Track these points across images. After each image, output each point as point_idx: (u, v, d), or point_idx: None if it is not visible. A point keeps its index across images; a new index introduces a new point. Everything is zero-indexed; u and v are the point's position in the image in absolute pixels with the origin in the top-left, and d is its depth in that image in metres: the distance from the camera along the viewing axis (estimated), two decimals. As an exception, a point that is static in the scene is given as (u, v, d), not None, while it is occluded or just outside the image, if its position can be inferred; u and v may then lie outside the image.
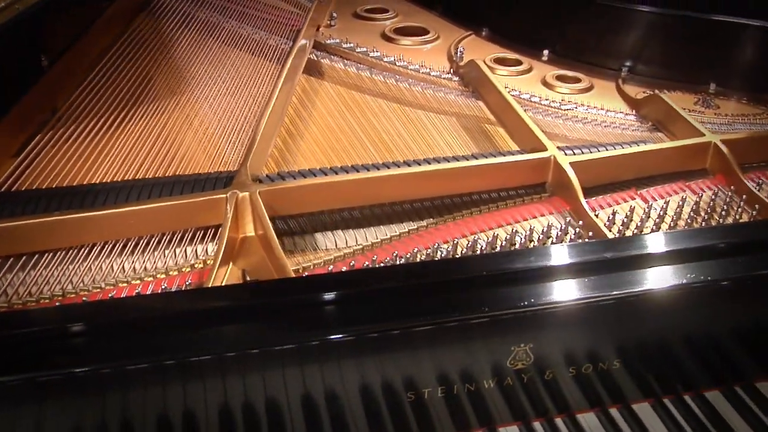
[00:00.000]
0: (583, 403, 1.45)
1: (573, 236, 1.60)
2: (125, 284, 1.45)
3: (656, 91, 2.16)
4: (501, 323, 1.31)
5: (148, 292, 1.42)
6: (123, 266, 1.49)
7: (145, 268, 1.49)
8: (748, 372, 1.49)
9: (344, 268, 1.50)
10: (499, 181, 1.74)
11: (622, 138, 1.98)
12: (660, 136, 1.99)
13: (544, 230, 1.60)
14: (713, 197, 1.74)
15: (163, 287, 1.43)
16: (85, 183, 1.66)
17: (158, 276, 1.47)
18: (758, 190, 1.75)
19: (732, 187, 1.77)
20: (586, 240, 1.58)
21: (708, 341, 1.43)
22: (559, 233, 1.60)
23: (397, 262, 1.51)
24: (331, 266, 1.51)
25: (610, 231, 1.62)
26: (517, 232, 1.60)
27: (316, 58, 2.24)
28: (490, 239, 1.57)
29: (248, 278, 1.48)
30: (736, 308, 1.42)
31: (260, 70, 2.18)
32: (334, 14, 2.50)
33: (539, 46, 2.37)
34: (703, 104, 2.13)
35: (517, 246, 1.57)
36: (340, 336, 1.24)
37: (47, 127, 1.83)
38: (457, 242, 1.56)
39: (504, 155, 1.80)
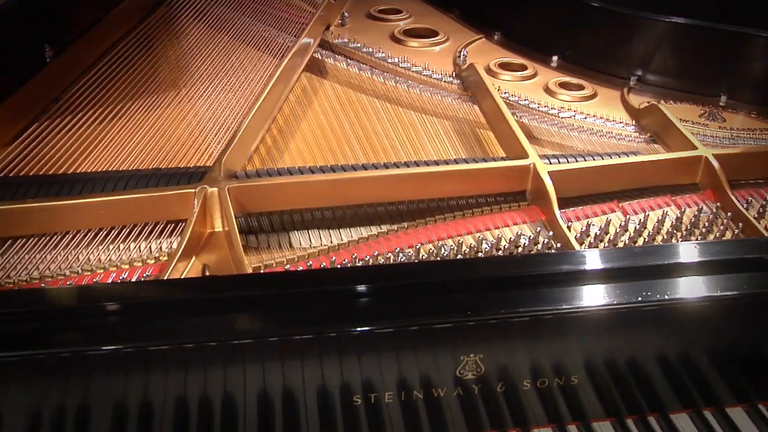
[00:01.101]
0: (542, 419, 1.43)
1: (541, 247, 1.57)
2: (89, 273, 1.48)
3: (662, 102, 2.11)
4: (445, 332, 1.30)
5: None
6: (89, 256, 1.52)
7: (110, 258, 1.52)
8: (699, 397, 1.45)
9: (300, 268, 1.50)
10: (478, 187, 1.72)
11: (616, 148, 1.94)
12: (657, 148, 1.94)
13: (512, 239, 1.57)
14: (697, 213, 1.68)
15: (122, 278, 1.45)
16: (67, 173, 1.69)
17: (122, 266, 1.50)
18: (746, 208, 1.69)
19: (719, 203, 1.71)
20: (548, 251, 1.55)
21: (667, 361, 1.40)
22: (527, 243, 1.58)
23: (356, 264, 1.50)
24: (287, 265, 1.51)
25: (582, 244, 1.59)
26: (484, 239, 1.58)
27: (320, 57, 2.25)
28: (455, 246, 1.55)
29: (207, 273, 1.50)
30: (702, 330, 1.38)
31: (264, 67, 2.20)
32: (346, 14, 2.50)
33: (549, 52, 2.34)
34: (709, 117, 2.07)
35: (481, 254, 1.55)
36: (275, 337, 1.25)
37: (45, 117, 1.88)
38: (420, 248, 1.55)
39: (485, 161, 1.77)
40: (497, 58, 2.31)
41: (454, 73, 2.22)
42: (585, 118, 2.05)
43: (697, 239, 1.62)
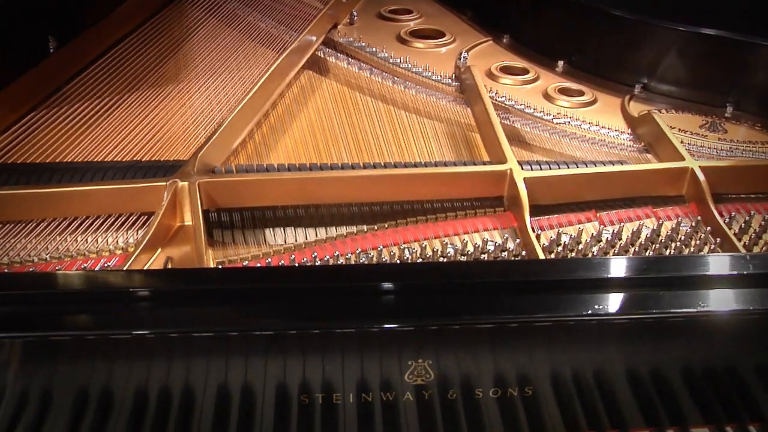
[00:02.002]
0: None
1: (507, 255, 1.55)
2: (55, 260, 1.51)
3: (662, 111, 2.06)
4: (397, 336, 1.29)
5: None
6: (58, 245, 1.55)
7: (79, 248, 1.55)
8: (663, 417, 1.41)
9: (258, 264, 1.51)
10: (454, 191, 1.71)
11: (608, 156, 1.90)
12: (649, 158, 1.90)
13: (478, 246, 1.56)
14: (675, 226, 1.64)
15: (83, 267, 1.48)
16: (47, 162, 1.73)
17: (89, 255, 1.53)
18: (728, 223, 1.64)
19: (699, 217, 1.67)
20: (511, 259, 1.53)
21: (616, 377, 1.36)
22: (493, 249, 1.56)
23: (316, 264, 1.51)
24: (246, 261, 1.52)
25: (551, 253, 1.57)
26: (450, 244, 1.56)
27: (323, 56, 2.26)
28: (418, 250, 1.54)
29: (169, 265, 1.52)
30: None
31: (265, 63, 2.21)
32: (355, 13, 2.50)
33: (556, 57, 2.30)
34: (710, 128, 2.01)
35: (443, 259, 1.53)
36: (229, 331, 1.25)
37: (42, 107, 1.93)
38: (383, 250, 1.54)
39: (464, 165, 1.76)
40: (501, 61, 2.29)
41: (453, 75, 2.20)
42: (580, 124, 2.01)
43: (669, 253, 1.57)
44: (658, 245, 1.59)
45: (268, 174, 1.67)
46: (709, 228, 1.63)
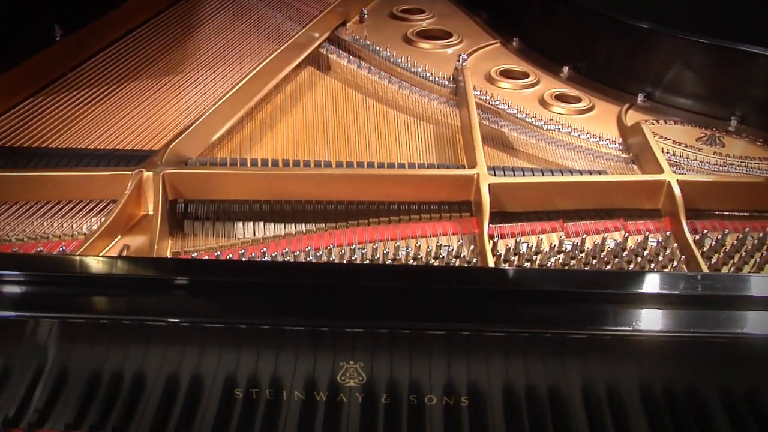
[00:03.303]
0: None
1: (459, 261, 1.53)
2: (20, 242, 1.56)
3: (661, 122, 2.00)
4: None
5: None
6: (26, 228, 1.60)
7: (45, 231, 1.59)
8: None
9: (209, 257, 1.53)
10: (420, 193, 1.69)
11: (592, 165, 1.86)
12: (635, 169, 1.85)
13: (429, 250, 1.54)
14: (642, 241, 1.59)
15: (38, 250, 1.53)
16: (28, 146, 1.79)
17: (52, 239, 1.58)
18: (701, 240, 1.58)
19: (668, 232, 1.61)
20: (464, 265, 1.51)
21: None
22: (444, 256, 1.54)
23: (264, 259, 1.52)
24: (195, 254, 1.54)
25: (506, 262, 1.54)
26: (400, 247, 1.55)
27: (326, 53, 2.27)
28: (367, 251, 1.54)
29: (124, 253, 1.55)
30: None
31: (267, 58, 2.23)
32: (365, 11, 2.50)
33: (562, 63, 2.25)
34: (707, 141, 1.94)
35: (389, 261, 1.52)
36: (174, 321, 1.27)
37: (41, 93, 1.99)
38: (332, 249, 1.54)
39: (434, 168, 1.74)
40: (504, 63, 2.25)
41: (452, 77, 2.17)
42: (569, 132, 1.96)
43: (630, 268, 1.53)
44: (619, 259, 1.54)
45: (232, 168, 1.69)
46: (676, 245, 1.56)
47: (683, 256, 1.53)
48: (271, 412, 1.38)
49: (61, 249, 1.53)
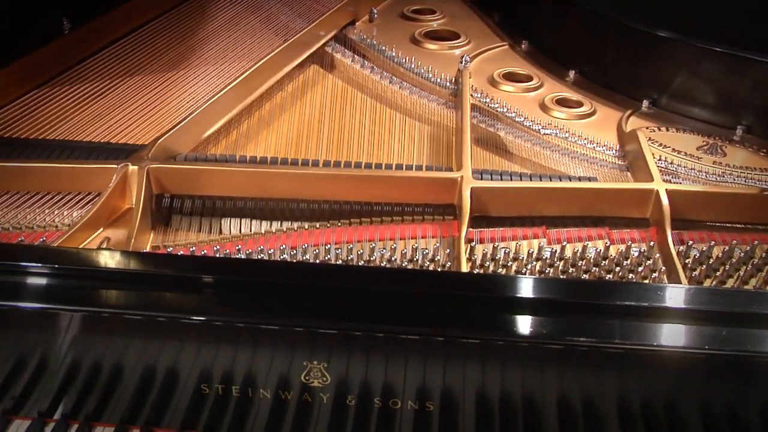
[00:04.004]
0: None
1: (434, 265, 1.51)
2: (5, 231, 1.59)
3: (662, 129, 1.96)
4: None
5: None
6: (12, 217, 1.63)
7: (29, 221, 1.62)
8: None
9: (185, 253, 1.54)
10: (405, 195, 1.68)
11: (586, 171, 1.83)
12: (629, 176, 1.81)
13: (404, 252, 1.53)
14: (624, 250, 1.55)
15: (20, 240, 1.55)
16: (23, 137, 1.82)
17: (36, 230, 1.60)
18: (686, 251, 1.54)
19: (652, 242, 1.57)
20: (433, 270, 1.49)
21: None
22: (420, 259, 1.52)
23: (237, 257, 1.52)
24: (171, 248, 1.55)
25: (481, 267, 1.52)
26: (376, 249, 1.54)
27: (331, 51, 2.27)
28: (342, 251, 1.53)
29: (104, 246, 1.57)
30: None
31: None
32: (375, 10, 2.49)
33: (569, 66, 2.22)
34: (708, 150, 1.89)
35: (362, 262, 1.51)
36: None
37: (46, 85, 2.03)
38: (307, 248, 1.54)
39: (420, 170, 1.73)
40: (509, 67, 2.23)
41: (454, 79, 2.16)
42: (566, 137, 1.93)
43: (609, 278, 1.50)
44: (598, 269, 1.51)
45: (218, 164, 1.70)
46: (658, 255, 1.53)
47: (664, 267, 1.50)
48: (239, 410, 1.38)
49: (42, 240, 1.55)
